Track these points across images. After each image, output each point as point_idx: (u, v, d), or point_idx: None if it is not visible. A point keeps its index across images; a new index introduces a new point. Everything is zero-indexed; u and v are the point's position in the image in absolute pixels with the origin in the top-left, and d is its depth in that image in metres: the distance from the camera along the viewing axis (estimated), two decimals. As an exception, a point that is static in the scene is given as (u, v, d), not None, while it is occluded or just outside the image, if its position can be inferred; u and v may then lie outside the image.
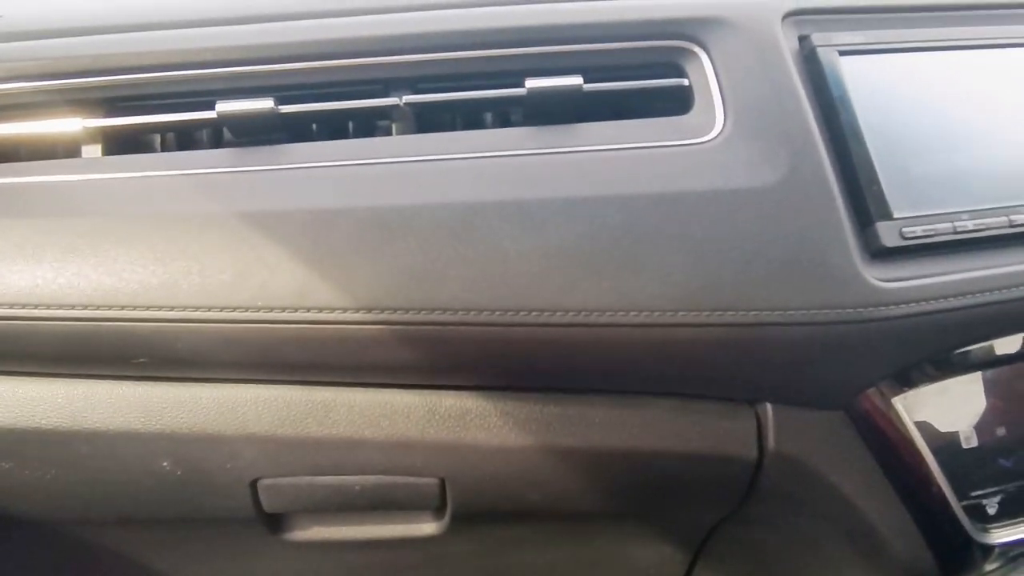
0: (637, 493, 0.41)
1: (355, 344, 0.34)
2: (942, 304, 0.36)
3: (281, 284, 0.33)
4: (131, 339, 0.35)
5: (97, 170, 0.36)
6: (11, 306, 0.34)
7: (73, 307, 0.34)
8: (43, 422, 0.37)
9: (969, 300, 0.36)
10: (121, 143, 0.38)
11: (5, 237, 0.35)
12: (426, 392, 0.37)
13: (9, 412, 0.37)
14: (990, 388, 0.40)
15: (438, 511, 0.41)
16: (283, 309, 0.33)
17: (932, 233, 0.36)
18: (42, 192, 0.36)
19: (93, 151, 0.37)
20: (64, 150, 0.38)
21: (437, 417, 0.37)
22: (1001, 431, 0.39)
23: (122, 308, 0.34)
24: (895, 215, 0.36)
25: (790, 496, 0.41)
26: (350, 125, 0.39)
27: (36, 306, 0.34)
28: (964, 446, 0.39)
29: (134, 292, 0.34)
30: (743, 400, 0.38)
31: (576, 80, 0.37)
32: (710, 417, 0.38)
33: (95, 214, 0.35)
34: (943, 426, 0.39)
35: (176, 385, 0.37)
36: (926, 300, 0.35)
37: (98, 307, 0.34)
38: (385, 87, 0.38)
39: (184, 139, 0.39)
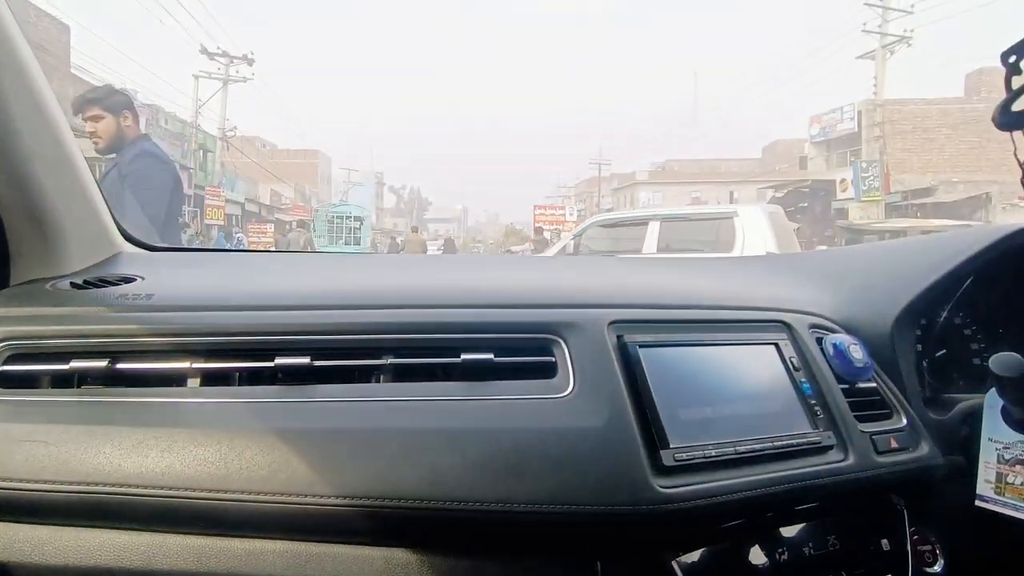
0: None
1: (341, 517, 0.54)
2: (700, 501, 0.60)
3: (299, 477, 0.54)
4: (197, 509, 0.54)
5: (195, 396, 0.59)
6: (123, 485, 0.53)
7: (164, 488, 0.53)
8: (127, 563, 0.55)
9: (716, 500, 0.60)
10: (213, 378, 0.61)
11: (127, 437, 0.55)
12: (383, 548, 0.56)
13: (104, 555, 0.55)
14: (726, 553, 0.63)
15: None
16: (298, 495, 0.53)
17: (692, 458, 0.61)
18: (157, 408, 0.58)
19: (194, 383, 0.61)
20: (176, 380, 0.61)
21: (390, 564, 0.56)
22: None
23: (195, 490, 0.53)
24: (671, 446, 0.61)
25: None
26: (356, 373, 0.63)
27: (138, 485, 0.53)
28: None
29: (202, 479, 0.53)
30: (584, 558, 0.60)
31: (490, 355, 0.63)
32: (563, 570, 0.59)
33: (189, 426, 0.56)
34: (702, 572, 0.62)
35: (220, 539, 0.56)
36: (691, 499, 0.59)
37: (181, 489, 0.53)
38: (378, 352, 0.63)
39: (253, 377, 0.62)
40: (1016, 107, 0.45)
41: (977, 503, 0.71)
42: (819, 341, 0.76)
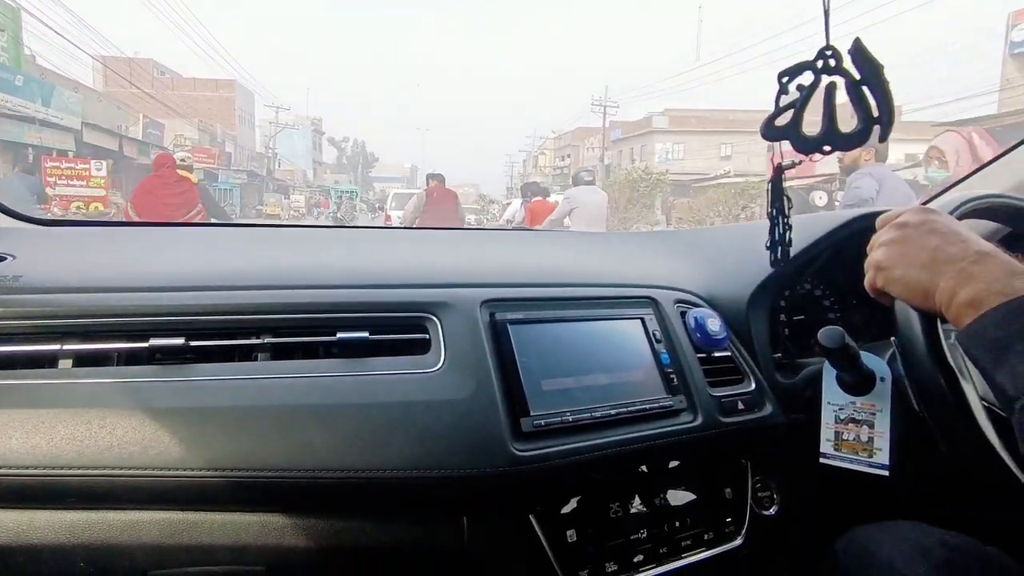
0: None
1: (213, 488, 0.57)
2: (557, 461, 0.66)
3: (170, 452, 0.56)
4: (67, 486, 0.56)
5: (66, 377, 0.60)
6: None
7: (31, 467, 0.54)
8: None
9: (570, 460, 0.67)
10: (86, 359, 0.62)
11: None
12: (259, 514, 0.61)
13: None
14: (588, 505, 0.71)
15: None
16: (170, 468, 0.56)
17: (550, 424, 0.67)
18: (24, 390, 0.58)
19: (66, 364, 0.61)
20: (46, 362, 0.62)
21: (266, 528, 0.60)
22: (588, 531, 0.71)
23: (63, 468, 0.55)
24: (532, 414, 0.67)
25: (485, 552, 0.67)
26: (236, 352, 0.65)
27: (1, 467, 0.55)
28: (568, 541, 0.69)
29: (71, 457, 0.55)
30: (452, 515, 0.66)
31: (365, 333, 0.67)
32: (434, 525, 0.65)
33: (57, 407, 0.57)
34: (557, 530, 0.69)
35: (94, 512, 0.58)
36: (544, 460, 0.65)
37: (49, 468, 0.55)
38: (257, 332, 0.66)
39: (129, 358, 0.63)
40: (779, 122, 0.50)
41: (821, 460, 0.80)
42: (683, 315, 0.83)
